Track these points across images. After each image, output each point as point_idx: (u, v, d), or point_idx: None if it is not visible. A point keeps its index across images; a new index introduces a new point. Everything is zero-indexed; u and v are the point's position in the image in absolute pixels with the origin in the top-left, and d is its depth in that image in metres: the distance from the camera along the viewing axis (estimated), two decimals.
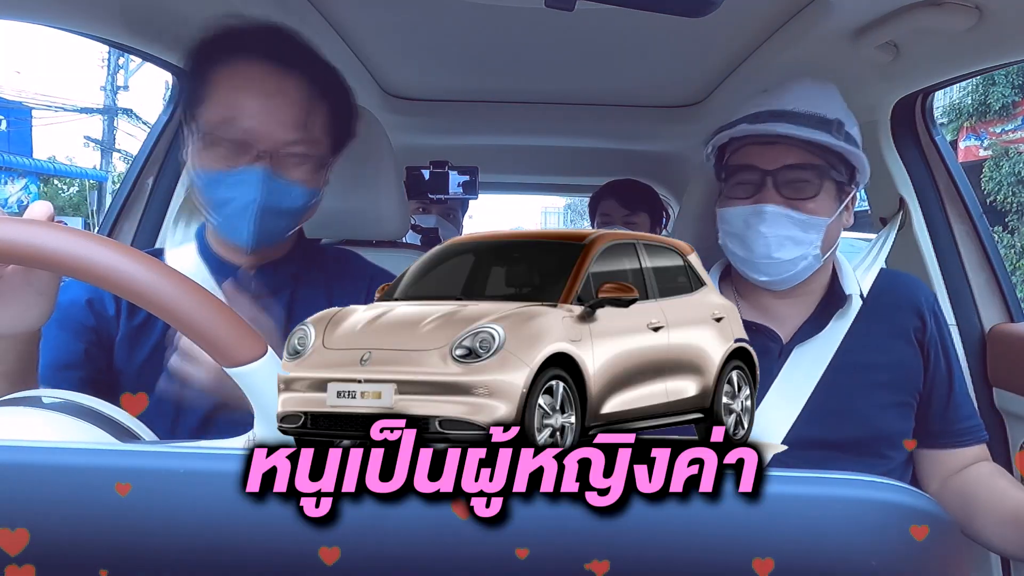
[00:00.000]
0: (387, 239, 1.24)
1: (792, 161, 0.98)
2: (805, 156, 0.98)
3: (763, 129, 0.98)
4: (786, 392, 1.00)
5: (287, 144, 0.86)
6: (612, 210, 1.96)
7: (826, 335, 1.02)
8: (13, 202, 12.87)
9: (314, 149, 0.89)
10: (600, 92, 1.84)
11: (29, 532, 0.31)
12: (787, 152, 0.98)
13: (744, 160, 1.01)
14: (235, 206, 0.85)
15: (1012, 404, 1.26)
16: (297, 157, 0.87)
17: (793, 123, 0.97)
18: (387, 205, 1.17)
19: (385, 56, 1.59)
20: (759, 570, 0.24)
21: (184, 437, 0.90)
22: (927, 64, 1.21)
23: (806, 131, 0.96)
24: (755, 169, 0.99)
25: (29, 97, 14.72)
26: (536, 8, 1.26)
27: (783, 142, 0.97)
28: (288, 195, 0.87)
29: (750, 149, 1.01)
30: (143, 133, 10.43)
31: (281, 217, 0.88)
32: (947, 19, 1.03)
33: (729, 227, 1.02)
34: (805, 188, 0.98)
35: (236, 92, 0.86)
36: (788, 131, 0.95)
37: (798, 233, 0.97)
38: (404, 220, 1.21)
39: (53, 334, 0.86)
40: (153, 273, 0.47)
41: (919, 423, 1.04)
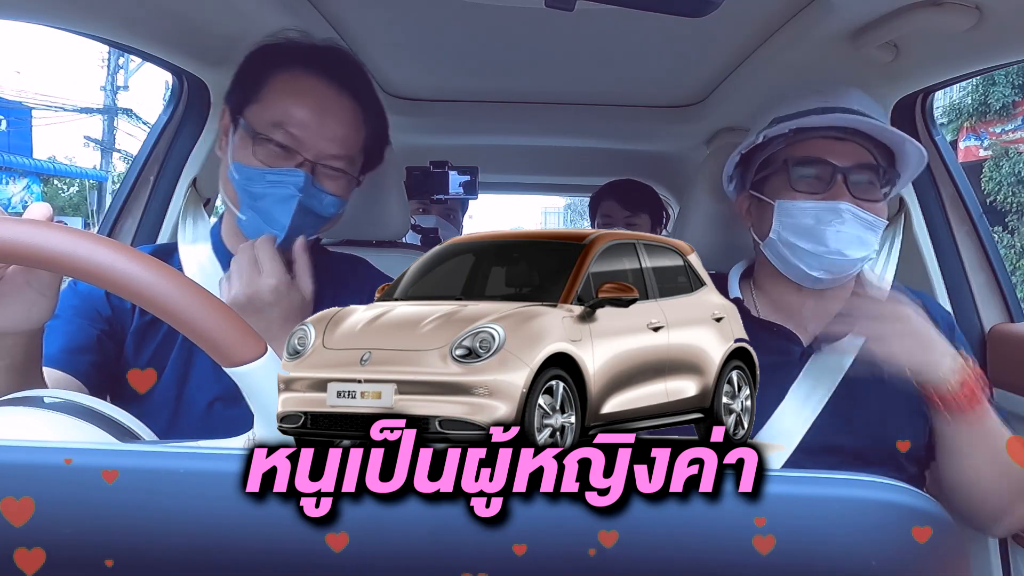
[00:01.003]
0: (387, 239, 1.23)
1: (863, 160, 0.98)
2: (872, 157, 0.98)
3: (841, 122, 0.97)
4: (804, 396, 0.99)
5: (329, 157, 0.92)
6: (613, 211, 1.96)
7: (848, 341, 1.01)
8: (16, 202, 12.90)
9: (350, 167, 0.95)
10: (600, 92, 1.84)
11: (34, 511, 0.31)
12: (858, 151, 0.98)
13: (814, 153, 0.99)
14: (270, 201, 0.89)
15: (1012, 404, 1.26)
16: (335, 171, 0.93)
17: (867, 119, 0.97)
18: (387, 205, 1.17)
19: (385, 56, 1.60)
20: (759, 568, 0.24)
21: (184, 434, 0.91)
22: (927, 64, 1.21)
23: (881, 128, 0.97)
24: (827, 164, 0.98)
25: (29, 97, 14.76)
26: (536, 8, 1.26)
27: (854, 140, 0.97)
28: (321, 202, 0.92)
29: (819, 143, 0.99)
30: (143, 133, 10.45)
31: (311, 221, 0.93)
32: (947, 19, 1.03)
33: (794, 220, 0.99)
34: (872, 189, 0.99)
35: (291, 99, 0.92)
36: (867, 128, 0.96)
37: (866, 234, 0.98)
38: (404, 220, 1.21)
39: (69, 318, 0.90)
40: (152, 273, 0.47)
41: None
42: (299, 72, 0.93)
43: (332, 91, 0.93)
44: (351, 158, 0.95)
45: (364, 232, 1.20)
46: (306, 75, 0.93)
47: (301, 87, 0.92)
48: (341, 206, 0.96)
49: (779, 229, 1.02)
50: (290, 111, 0.90)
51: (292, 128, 0.90)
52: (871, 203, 0.98)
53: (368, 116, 0.97)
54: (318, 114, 0.91)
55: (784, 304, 1.07)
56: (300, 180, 0.88)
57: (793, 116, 1.01)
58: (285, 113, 0.90)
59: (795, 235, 1.00)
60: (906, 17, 1.06)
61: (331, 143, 0.91)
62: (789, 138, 1.02)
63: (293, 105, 0.91)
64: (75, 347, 0.88)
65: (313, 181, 0.90)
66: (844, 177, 0.97)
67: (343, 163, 0.94)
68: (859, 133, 0.99)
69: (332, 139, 0.91)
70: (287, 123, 0.90)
